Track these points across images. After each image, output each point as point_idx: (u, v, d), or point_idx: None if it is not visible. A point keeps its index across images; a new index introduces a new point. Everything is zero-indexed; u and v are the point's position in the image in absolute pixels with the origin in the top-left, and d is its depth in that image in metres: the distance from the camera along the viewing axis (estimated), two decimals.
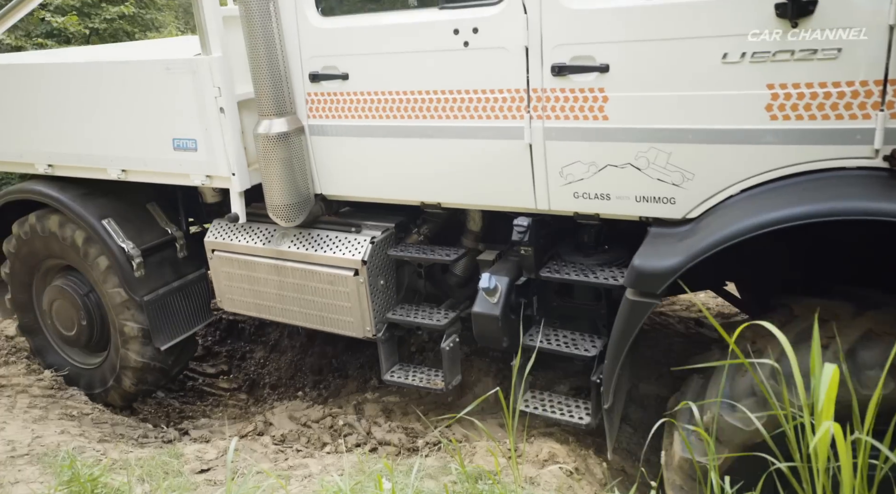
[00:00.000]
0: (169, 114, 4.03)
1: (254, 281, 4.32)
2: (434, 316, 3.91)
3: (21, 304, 5.43)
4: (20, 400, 4.56)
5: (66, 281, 5.10)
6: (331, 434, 4.31)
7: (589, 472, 3.55)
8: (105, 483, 3.00)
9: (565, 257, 3.61)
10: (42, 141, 4.64)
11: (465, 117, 3.39)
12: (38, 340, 5.52)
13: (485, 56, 3.24)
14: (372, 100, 3.62)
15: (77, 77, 4.30)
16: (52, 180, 4.88)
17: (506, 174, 3.39)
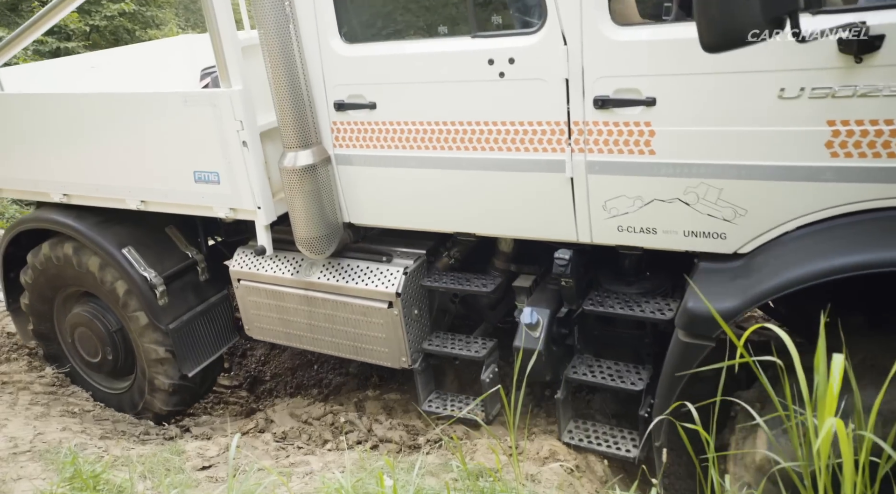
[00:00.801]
0: (189, 146, 3.91)
1: (283, 311, 4.24)
2: (472, 346, 3.84)
3: (43, 334, 5.35)
4: (22, 396, 4.54)
5: (86, 308, 5.02)
6: (332, 431, 4.29)
7: (590, 470, 3.55)
8: (107, 480, 2.99)
9: (606, 286, 3.52)
10: (58, 170, 4.52)
11: (502, 149, 3.27)
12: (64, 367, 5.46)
13: (522, 87, 3.11)
14: (402, 130, 3.50)
15: (94, 108, 4.17)
16: (68, 208, 4.77)
17: (545, 206, 3.28)
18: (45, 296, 5.15)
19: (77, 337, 5.13)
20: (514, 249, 4.00)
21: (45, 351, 5.43)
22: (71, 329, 5.13)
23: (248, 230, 5.10)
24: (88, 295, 5.05)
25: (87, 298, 5.08)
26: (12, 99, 4.49)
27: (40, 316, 5.26)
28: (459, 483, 2.78)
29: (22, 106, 4.44)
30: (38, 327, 5.31)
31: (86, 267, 4.72)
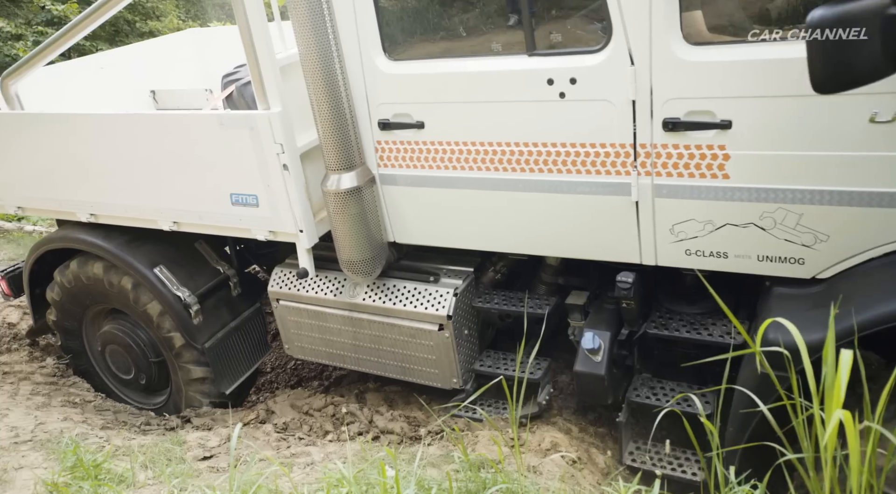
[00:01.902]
0: (225, 168, 3.77)
1: (325, 331, 4.13)
2: (524, 367, 3.74)
3: (73, 350, 5.25)
4: (23, 386, 4.52)
5: (117, 325, 4.91)
6: (333, 422, 4.25)
7: (591, 461, 3.53)
8: (108, 470, 2.99)
9: (668, 306, 3.42)
10: (85, 191, 4.37)
11: (561, 171, 3.14)
12: (94, 383, 5.37)
13: (584, 108, 2.97)
14: (452, 150, 3.36)
15: (125, 128, 4.01)
16: (94, 226, 4.63)
17: (607, 229, 3.16)
18: (74, 313, 5.04)
19: (108, 354, 5.03)
20: (562, 263, 3.89)
21: (75, 365, 5.32)
22: (102, 346, 5.03)
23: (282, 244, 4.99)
24: (118, 311, 4.94)
25: (116, 315, 4.97)
26: (37, 118, 4.32)
27: (69, 333, 5.15)
28: (461, 473, 2.76)
29: (47, 125, 4.27)
30: (67, 343, 5.20)
31: (117, 287, 4.60)
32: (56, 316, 5.11)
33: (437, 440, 3.75)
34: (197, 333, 4.57)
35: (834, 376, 2.04)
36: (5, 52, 12.22)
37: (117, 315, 4.95)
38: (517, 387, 2.98)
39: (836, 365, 2.07)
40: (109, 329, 4.92)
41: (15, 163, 4.54)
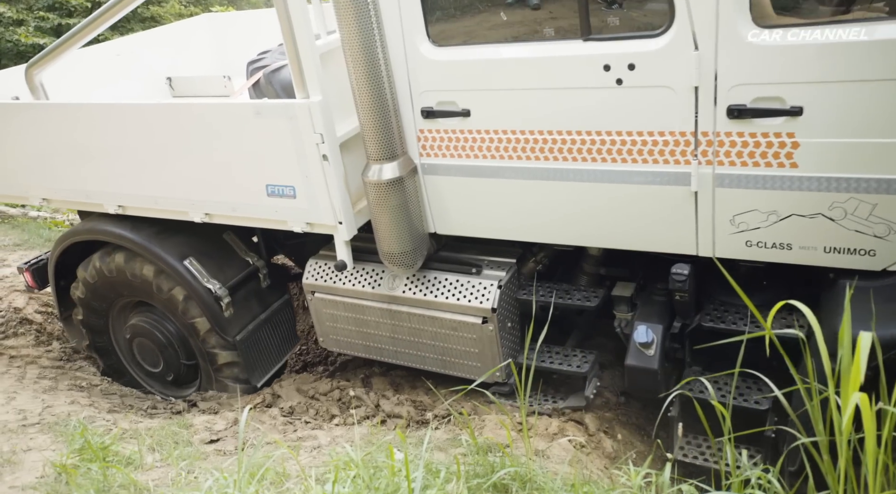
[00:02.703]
0: (261, 159, 3.66)
1: (362, 324, 4.05)
2: (572, 360, 3.66)
3: (100, 348, 5.17)
4: (30, 370, 4.52)
5: (145, 318, 4.83)
6: (339, 406, 4.23)
7: (598, 446, 3.51)
8: (116, 452, 2.99)
9: (722, 298, 3.33)
10: (113, 182, 4.27)
11: (616, 160, 3.03)
12: (124, 380, 5.29)
13: (643, 95, 2.86)
14: (500, 139, 3.25)
15: (156, 118, 3.90)
16: (121, 218, 4.54)
17: (663, 221, 3.06)
18: (100, 308, 4.96)
19: (136, 347, 4.96)
20: (605, 253, 3.79)
21: (104, 364, 5.25)
22: (129, 340, 4.96)
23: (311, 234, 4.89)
24: (144, 304, 4.86)
25: (143, 307, 4.89)
26: (63, 108, 4.22)
27: (96, 331, 5.07)
28: (469, 457, 2.74)
29: (74, 115, 4.16)
30: (95, 342, 5.12)
31: (144, 278, 4.52)
32: (83, 314, 5.03)
33: (444, 424, 3.73)
34: (228, 326, 4.50)
35: (850, 359, 2.03)
36: (7, 38, 12.06)
37: (144, 307, 4.87)
38: (525, 373, 2.98)
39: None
40: (137, 322, 4.84)
41: (40, 154, 4.44)
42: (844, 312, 2.15)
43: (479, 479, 2.51)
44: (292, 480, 2.66)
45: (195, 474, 2.87)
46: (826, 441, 2.14)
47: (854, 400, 1.88)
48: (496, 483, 2.51)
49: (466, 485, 2.45)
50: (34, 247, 7.07)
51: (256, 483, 2.43)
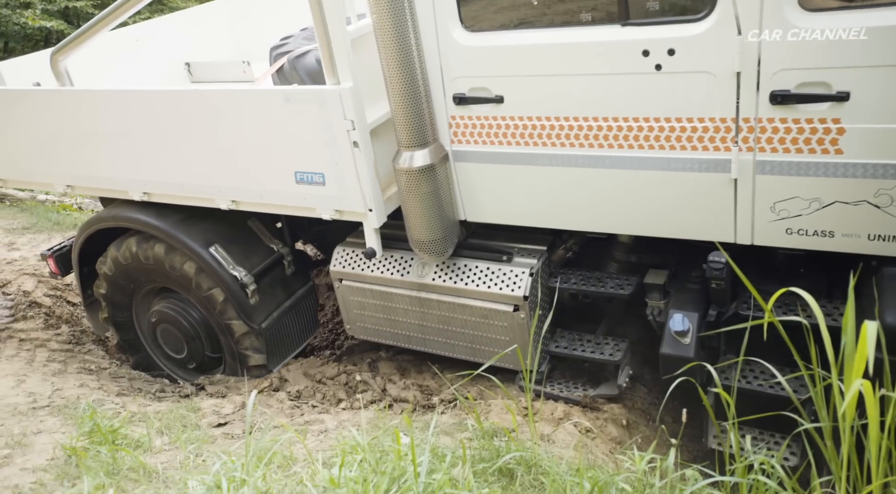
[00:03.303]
0: (290, 146, 3.64)
1: (390, 312, 4.04)
2: (604, 348, 3.64)
3: (120, 324, 5.19)
4: (39, 353, 4.54)
5: (170, 304, 4.83)
6: (346, 390, 4.23)
7: (603, 431, 3.51)
8: (125, 435, 3.01)
9: (759, 287, 3.27)
10: (139, 168, 4.25)
11: (653, 147, 2.99)
12: (140, 358, 5.33)
13: (683, 81, 2.81)
14: (533, 126, 3.21)
15: (182, 105, 3.88)
16: (145, 205, 4.53)
17: (701, 208, 3.03)
18: (125, 289, 4.96)
19: (160, 333, 4.97)
20: (635, 241, 3.76)
21: (121, 339, 5.26)
22: (153, 325, 4.97)
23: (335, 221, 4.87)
24: (169, 289, 4.87)
25: (168, 293, 4.89)
26: (89, 95, 4.19)
27: (118, 307, 5.08)
28: (475, 442, 2.75)
29: (101, 102, 4.14)
30: (115, 316, 5.14)
31: (172, 267, 4.51)
32: (106, 289, 5.04)
33: (450, 408, 3.74)
34: (254, 313, 4.50)
35: (854, 346, 2.05)
36: (14, 21, 12.04)
37: (169, 292, 4.88)
38: (531, 357, 3.05)
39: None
40: (163, 308, 4.84)
41: (65, 141, 4.43)
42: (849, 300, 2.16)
43: (484, 463, 2.52)
44: (299, 464, 2.67)
45: (203, 457, 2.89)
46: (829, 427, 2.16)
47: (856, 387, 1.90)
48: (502, 467, 2.52)
49: (472, 470, 2.46)
50: (42, 230, 7.11)
51: (264, 466, 2.44)
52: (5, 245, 6.61)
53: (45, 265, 5.98)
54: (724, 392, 2.48)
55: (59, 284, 5.75)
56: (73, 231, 7.07)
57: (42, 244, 6.63)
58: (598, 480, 2.27)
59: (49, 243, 6.64)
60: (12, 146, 4.73)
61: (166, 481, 2.65)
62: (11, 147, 4.75)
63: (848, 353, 2.08)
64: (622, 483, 2.38)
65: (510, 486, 2.51)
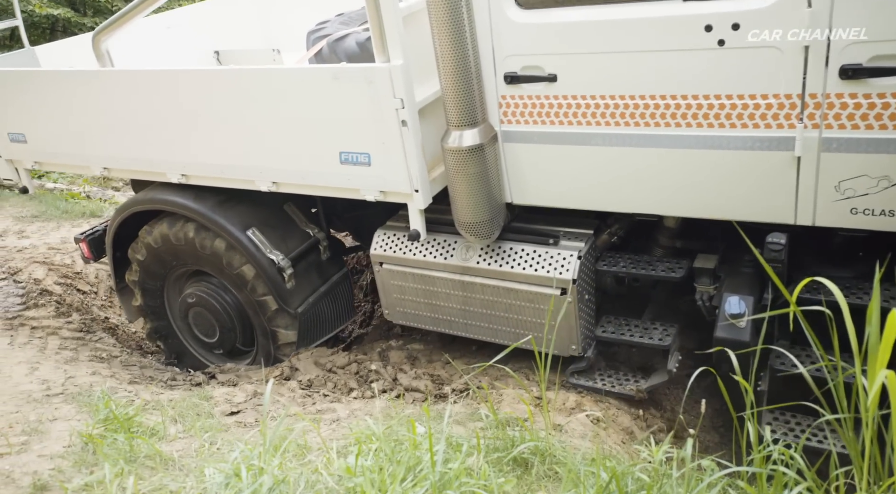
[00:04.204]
0: (335, 125, 3.60)
1: (432, 296, 3.99)
2: (653, 333, 3.58)
3: (152, 310, 5.17)
4: (51, 341, 4.54)
5: (202, 287, 4.80)
6: (357, 379, 4.22)
7: (615, 422, 3.51)
8: (140, 423, 3.02)
9: (814, 269, 3.22)
10: (178, 150, 4.23)
11: (712, 125, 2.94)
12: (172, 344, 5.31)
13: (747, 57, 2.75)
14: (587, 105, 3.16)
15: (223, 84, 3.85)
16: (183, 188, 4.51)
17: (759, 188, 2.97)
18: (157, 274, 4.95)
19: (192, 317, 4.95)
20: (682, 225, 3.71)
21: (153, 326, 5.25)
22: (185, 308, 4.95)
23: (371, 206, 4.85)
24: (203, 273, 4.84)
25: (201, 276, 4.87)
26: (131, 76, 4.17)
27: (150, 293, 5.07)
28: (488, 431, 2.73)
29: (142, 83, 4.12)
30: (147, 302, 5.13)
31: (209, 250, 4.49)
32: (139, 275, 5.02)
33: (462, 398, 3.72)
34: (290, 297, 4.47)
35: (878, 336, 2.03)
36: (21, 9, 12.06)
37: (202, 276, 4.86)
38: (545, 347, 2.97)
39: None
40: (195, 291, 4.82)
41: (104, 123, 4.41)
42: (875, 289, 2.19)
43: (498, 453, 2.51)
44: (313, 452, 2.66)
45: (218, 445, 2.89)
46: (851, 418, 2.14)
47: (881, 378, 1.88)
48: (516, 457, 2.51)
49: (486, 459, 2.45)
50: (51, 218, 7.12)
51: (280, 455, 2.44)
52: (15, 233, 6.64)
53: (55, 253, 6.02)
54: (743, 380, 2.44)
55: (69, 272, 5.76)
56: (82, 219, 7.12)
57: (52, 232, 6.66)
58: (615, 470, 2.25)
59: (59, 232, 6.69)
60: (49, 129, 4.72)
61: (182, 469, 2.64)
62: (48, 130, 4.74)
63: (872, 343, 2.06)
64: (639, 473, 2.35)
65: (525, 476, 2.50)
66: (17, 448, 2.84)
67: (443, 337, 4.85)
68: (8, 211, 7.40)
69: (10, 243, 6.29)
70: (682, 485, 2.26)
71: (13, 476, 2.58)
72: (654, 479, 2.31)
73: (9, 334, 4.44)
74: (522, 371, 4.05)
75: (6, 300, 5.04)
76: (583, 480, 2.29)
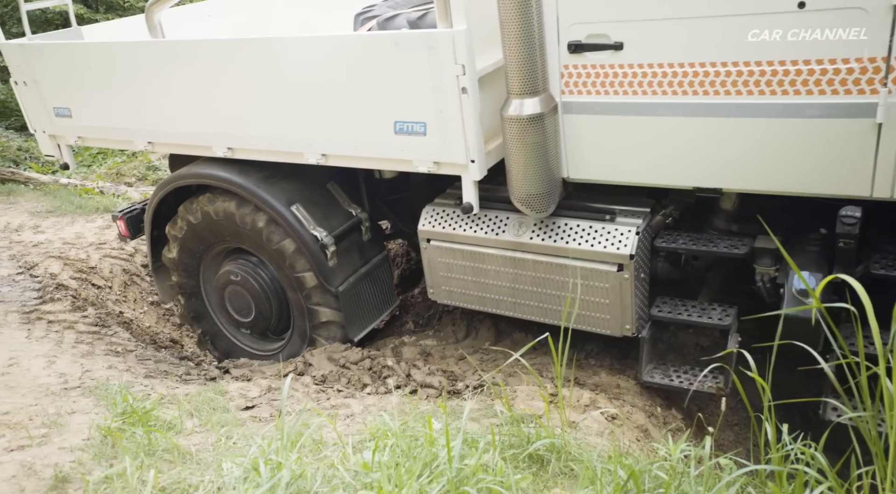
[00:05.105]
0: (392, 94, 3.55)
1: (480, 274, 3.92)
2: (711, 313, 3.49)
3: (187, 290, 5.13)
4: (67, 335, 4.51)
5: (240, 265, 4.76)
6: (370, 375, 4.20)
7: (630, 419, 3.50)
8: (157, 417, 3.03)
9: (884, 246, 3.13)
10: (226, 123, 4.20)
11: (787, 92, 2.86)
12: (205, 325, 5.26)
13: (828, 19, 2.69)
14: (654, 73, 3.10)
15: (276, 54, 3.82)
16: (227, 162, 4.48)
17: (834, 158, 2.88)
18: (195, 251, 4.91)
19: (228, 295, 4.89)
20: (738, 207, 3.62)
21: (187, 307, 5.21)
22: (221, 287, 4.90)
23: (412, 188, 4.80)
24: (240, 251, 4.80)
25: (239, 255, 4.83)
26: (179, 46, 4.16)
27: (186, 271, 5.03)
28: (503, 428, 2.71)
29: (193, 53, 4.10)
30: (182, 281, 5.09)
31: (250, 225, 4.45)
32: (177, 253, 4.99)
33: (477, 394, 3.70)
34: (332, 275, 4.41)
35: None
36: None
37: (240, 254, 4.81)
38: (562, 338, 2.90)
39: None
40: (232, 268, 4.77)
41: (151, 96, 4.40)
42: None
43: (514, 450, 2.50)
44: (329, 448, 2.65)
45: (234, 440, 2.88)
46: (875, 415, 2.09)
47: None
48: (532, 453, 2.50)
49: (502, 456, 2.44)
50: (66, 213, 7.17)
51: (297, 450, 2.44)
52: (31, 228, 6.69)
53: (70, 248, 6.05)
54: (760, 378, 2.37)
55: (84, 267, 5.78)
56: (96, 214, 7.17)
57: (66, 227, 6.71)
58: (632, 468, 2.21)
59: (73, 227, 6.73)
60: (96, 103, 4.72)
61: (200, 462, 2.64)
62: (95, 104, 4.73)
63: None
64: (656, 471, 2.32)
65: (541, 473, 2.47)
66: (37, 441, 2.85)
67: (456, 332, 4.88)
68: (23, 206, 7.48)
69: (26, 238, 6.35)
70: (700, 483, 2.24)
71: (35, 468, 2.60)
72: (671, 477, 2.28)
73: (26, 328, 4.48)
74: (537, 367, 4.06)
75: (23, 294, 5.07)
76: (600, 477, 2.27)
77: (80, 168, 10.19)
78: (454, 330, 4.95)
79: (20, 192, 8.01)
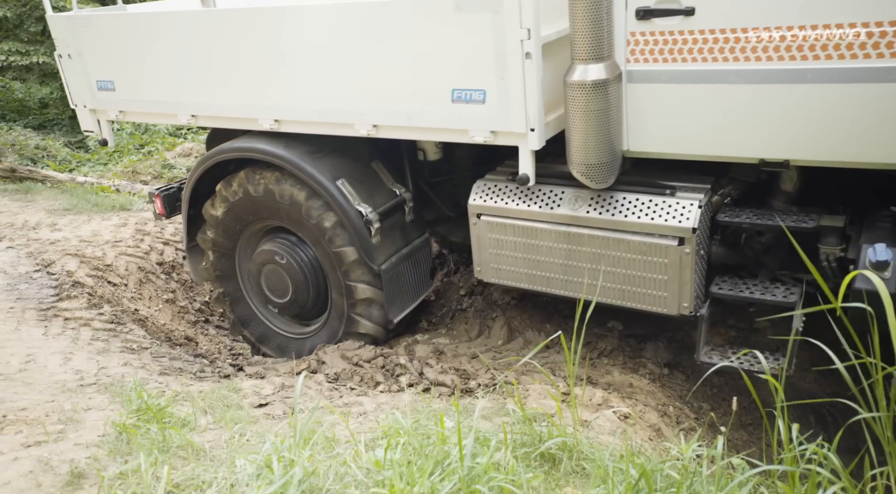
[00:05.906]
0: (450, 60, 3.50)
1: (532, 250, 3.84)
2: (774, 291, 3.39)
3: (223, 272, 5.06)
4: (83, 332, 4.51)
5: (279, 244, 4.68)
6: (383, 373, 4.18)
7: (642, 418, 3.49)
8: (171, 414, 3.04)
9: None
10: (273, 93, 4.15)
11: (869, 56, 2.79)
12: (240, 310, 5.18)
13: None
14: (726, 39, 3.04)
15: (328, 21, 3.77)
16: (271, 137, 4.43)
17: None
18: (232, 231, 4.84)
19: (264, 275, 4.82)
20: (798, 189, 3.54)
21: (223, 289, 5.14)
22: (258, 267, 4.82)
23: (455, 170, 4.74)
24: (277, 230, 4.73)
25: (275, 234, 4.76)
26: (228, 15, 4.12)
27: (222, 253, 4.97)
28: (516, 426, 2.71)
29: (240, 22, 4.06)
30: (218, 263, 5.02)
31: (289, 200, 4.38)
32: (214, 234, 4.92)
33: (489, 393, 3.67)
34: (374, 253, 4.34)
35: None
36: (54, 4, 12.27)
37: (277, 234, 4.74)
38: (574, 337, 2.87)
39: None
40: (270, 247, 4.70)
41: (198, 67, 4.36)
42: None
43: (526, 448, 2.50)
44: (341, 445, 2.65)
45: (247, 437, 2.89)
46: (889, 416, 2.07)
47: None
48: (544, 452, 2.50)
49: (514, 454, 2.44)
50: (82, 211, 7.19)
51: (310, 447, 2.46)
52: (48, 226, 6.71)
53: (86, 245, 6.04)
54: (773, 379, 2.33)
55: (100, 265, 5.78)
56: (112, 212, 7.17)
57: (83, 225, 6.72)
58: (644, 467, 2.19)
59: (89, 225, 6.74)
60: (141, 75, 4.69)
61: (214, 459, 2.65)
62: (139, 77, 4.70)
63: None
64: (668, 471, 2.30)
65: (553, 471, 2.46)
66: (53, 437, 2.87)
67: (469, 331, 4.86)
68: (40, 204, 7.51)
69: (43, 236, 6.36)
70: (712, 483, 2.22)
71: (51, 464, 2.62)
72: (683, 476, 2.26)
73: (43, 325, 4.50)
74: (549, 366, 4.01)
75: (40, 291, 5.08)
76: (611, 476, 2.25)
77: (96, 166, 10.21)
78: (467, 329, 4.93)
79: (37, 190, 8.05)
